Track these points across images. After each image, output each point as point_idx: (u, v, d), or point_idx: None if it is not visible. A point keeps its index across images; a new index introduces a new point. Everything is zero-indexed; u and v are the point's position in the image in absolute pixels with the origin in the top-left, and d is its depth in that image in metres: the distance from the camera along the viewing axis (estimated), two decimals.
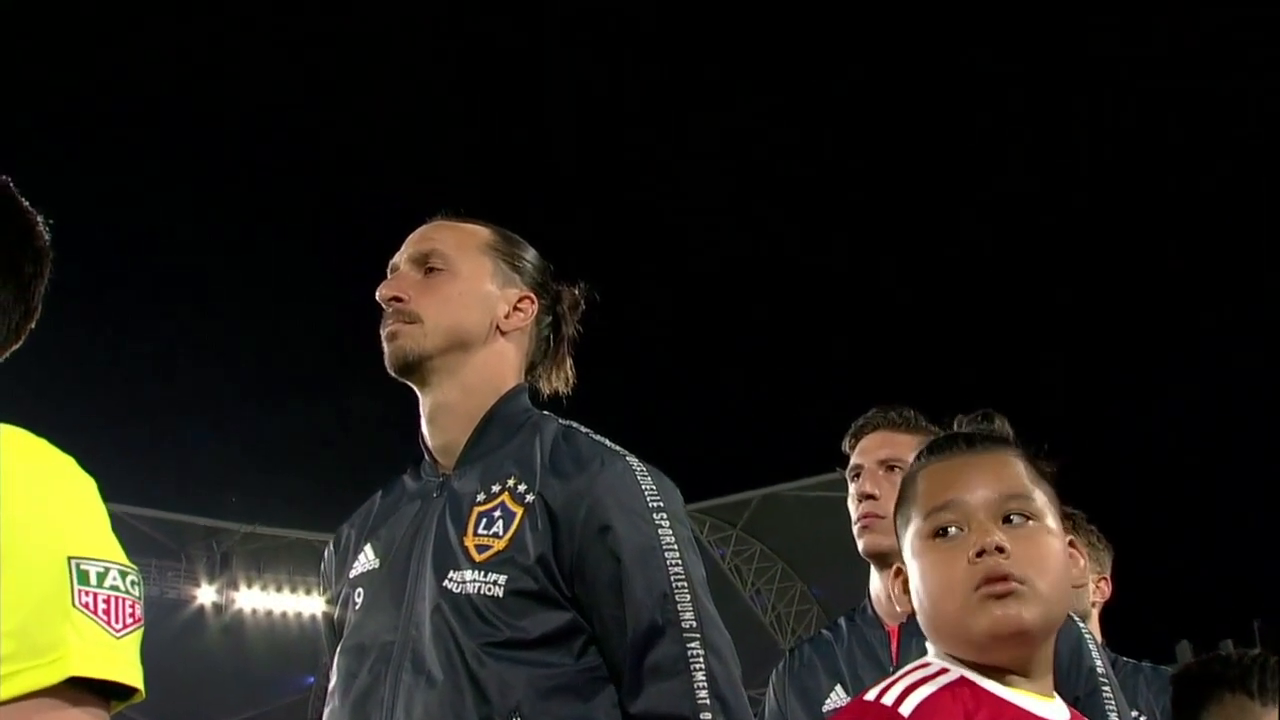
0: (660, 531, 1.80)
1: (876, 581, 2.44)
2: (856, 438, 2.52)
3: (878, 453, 2.45)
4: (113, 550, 1.17)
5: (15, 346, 1.37)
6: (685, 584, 1.78)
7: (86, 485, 1.20)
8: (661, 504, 1.83)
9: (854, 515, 2.44)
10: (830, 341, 22.48)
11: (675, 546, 1.80)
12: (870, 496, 2.40)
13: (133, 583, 1.16)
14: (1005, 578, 1.38)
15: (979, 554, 1.40)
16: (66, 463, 1.21)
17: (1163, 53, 18.54)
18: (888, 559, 2.35)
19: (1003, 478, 1.47)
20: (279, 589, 22.00)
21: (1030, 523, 1.44)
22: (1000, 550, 1.40)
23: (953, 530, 1.44)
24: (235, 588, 21.84)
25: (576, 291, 2.11)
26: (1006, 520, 1.44)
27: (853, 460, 2.49)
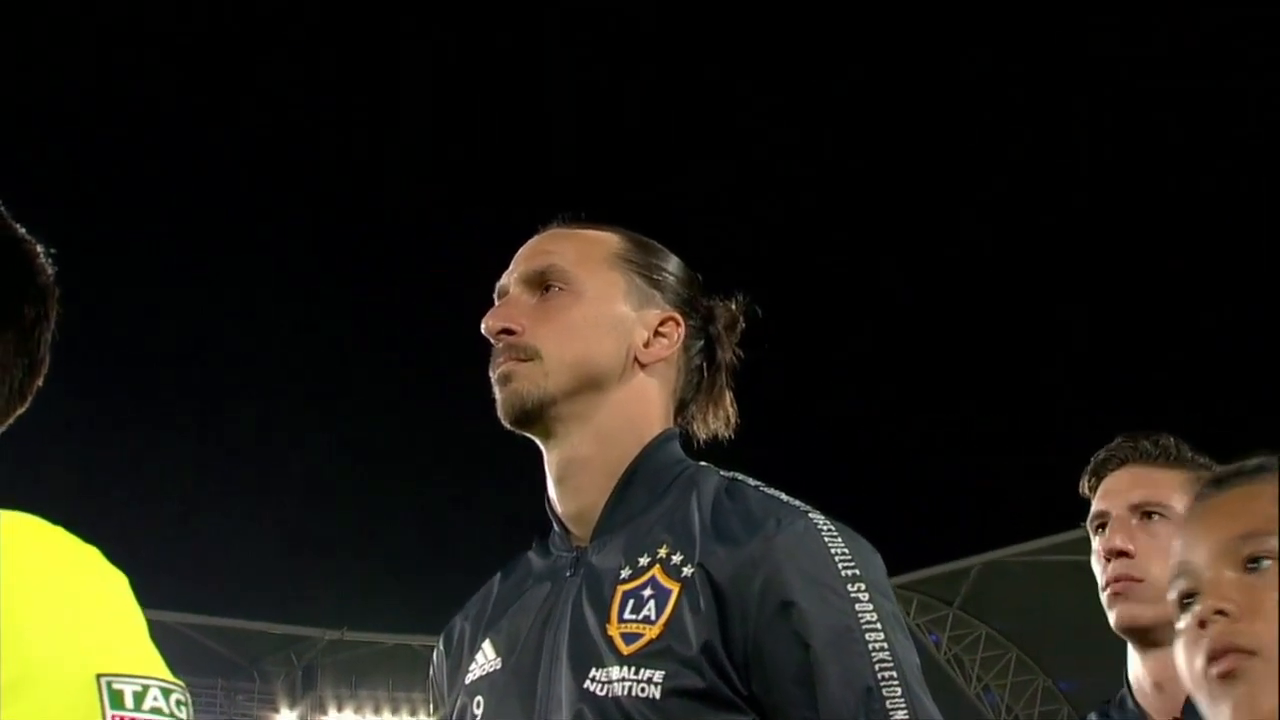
0: (858, 607, 1.78)
1: (1137, 664, 2.38)
2: (1098, 477, 2.47)
3: (1128, 495, 2.39)
4: (152, 663, 1.17)
5: (21, 410, 1.38)
6: (895, 674, 1.76)
7: (115, 583, 1.21)
8: (858, 571, 1.80)
9: (1101, 579, 2.39)
10: (1059, 365, 22.77)
11: (879, 626, 1.78)
12: (1121, 554, 2.34)
13: (179, 703, 1.16)
14: (1227, 651, 1.30)
15: (1201, 625, 1.33)
16: (89, 556, 1.21)
17: (1163, 53, 19.80)
18: (1150, 635, 2.30)
19: (1241, 514, 1.38)
20: (377, 709, 22.32)
21: (1272, 565, 1.34)
22: (1222, 614, 1.32)
23: (1193, 602, 1.38)
24: (322, 710, 22.21)
25: (734, 306, 2.09)
26: (1251, 569, 1.35)
27: (1095, 507, 2.44)
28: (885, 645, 1.77)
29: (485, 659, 1.98)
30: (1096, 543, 2.41)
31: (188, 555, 20.39)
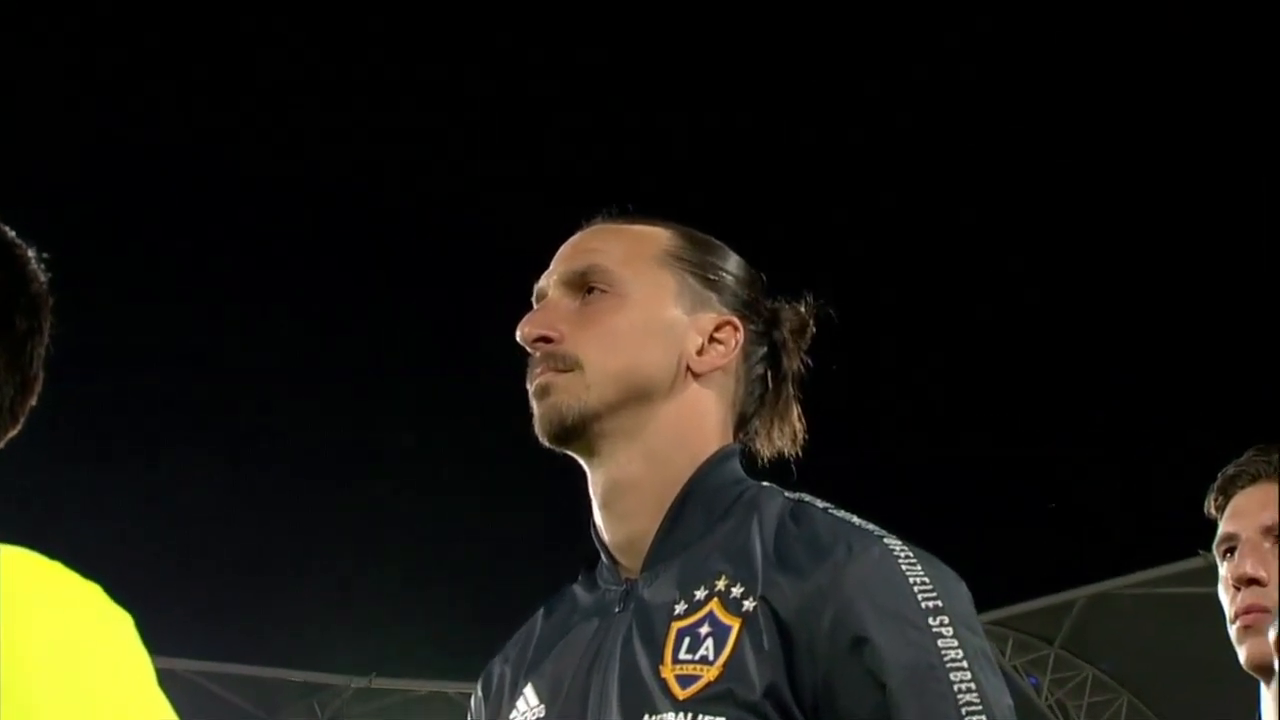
0: (940, 643, 1.76)
1: (1271, 707, 2.37)
2: (1226, 495, 2.45)
3: (1260, 516, 2.37)
4: (160, 713, 1.18)
5: (13, 433, 1.39)
6: (983, 717, 1.74)
7: (119, 624, 1.22)
8: (940, 603, 1.79)
9: (1229, 611, 2.37)
10: (1174, 371, 22.70)
11: (964, 663, 1.76)
12: (1253, 581, 2.33)
13: None
14: None
15: None
16: (90, 594, 1.23)
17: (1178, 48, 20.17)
18: None
19: None
20: None
21: None
22: None
23: None
24: None
25: (803, 309, 2.09)
26: None
27: (1223, 529, 2.42)
28: (972, 685, 1.75)
29: (527, 706, 1.99)
30: (1224, 569, 2.40)
31: (198, 594, 20.48)
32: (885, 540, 1.85)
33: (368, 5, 21.99)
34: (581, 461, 2.00)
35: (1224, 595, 2.38)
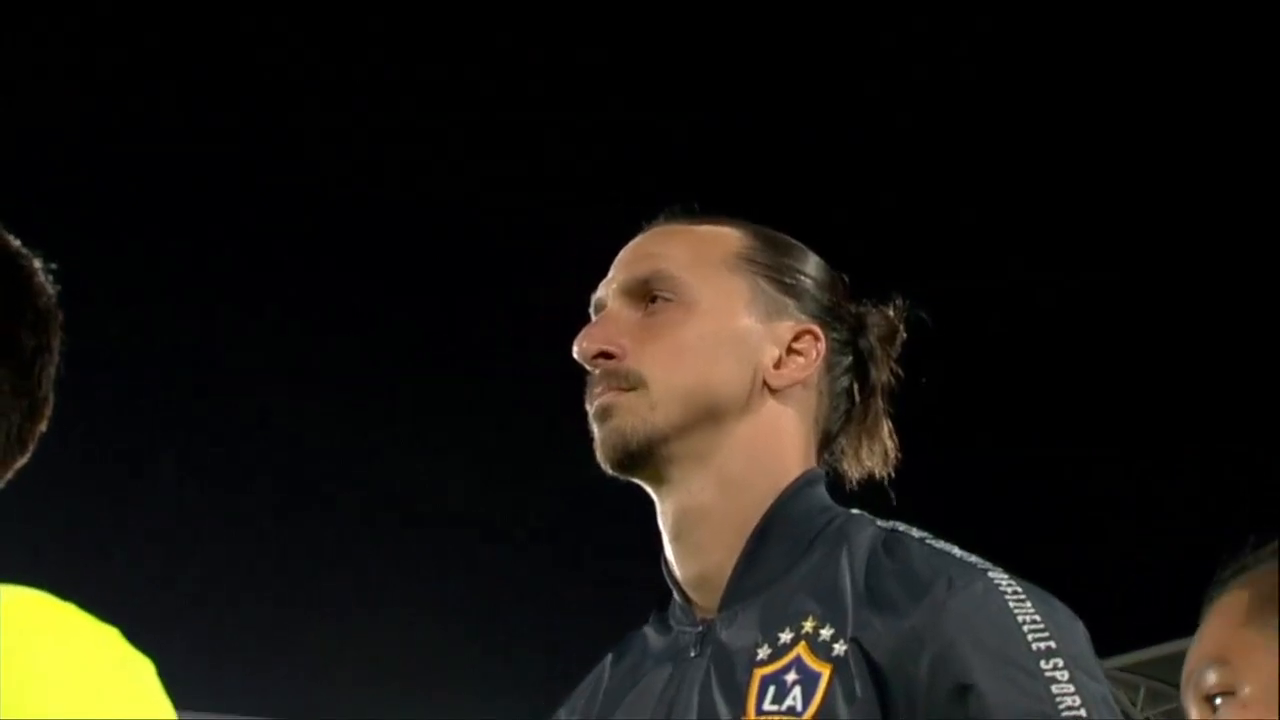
0: (1055, 689, 1.73)
1: None
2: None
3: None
4: None
5: (21, 461, 1.40)
6: None
7: (139, 670, 1.23)
8: (1054, 644, 1.75)
9: None
10: None
11: (1081, 712, 1.72)
12: None
13: None
14: None
15: None
16: (108, 638, 1.23)
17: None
18: None
19: (1210, 636, 1.61)
20: None
21: (1233, 698, 1.58)
22: None
23: None
24: None
25: (891, 313, 2.08)
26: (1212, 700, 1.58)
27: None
28: None
29: None
30: None
31: (228, 641, 20.62)
32: (990, 574, 1.82)
33: (368, 5, 22.53)
34: (649, 490, 1.99)
35: None
